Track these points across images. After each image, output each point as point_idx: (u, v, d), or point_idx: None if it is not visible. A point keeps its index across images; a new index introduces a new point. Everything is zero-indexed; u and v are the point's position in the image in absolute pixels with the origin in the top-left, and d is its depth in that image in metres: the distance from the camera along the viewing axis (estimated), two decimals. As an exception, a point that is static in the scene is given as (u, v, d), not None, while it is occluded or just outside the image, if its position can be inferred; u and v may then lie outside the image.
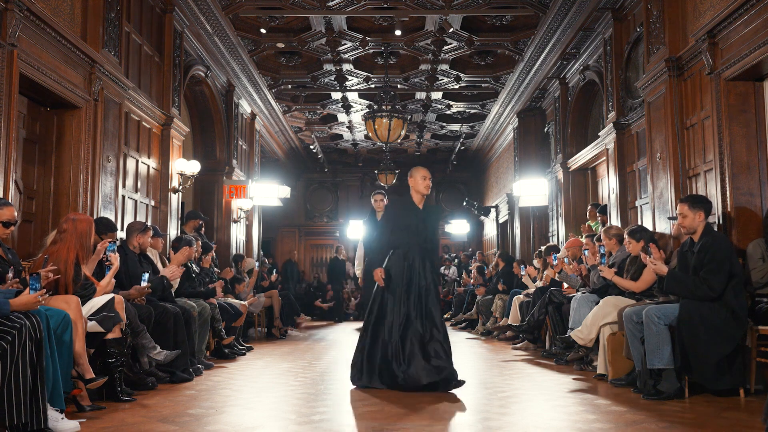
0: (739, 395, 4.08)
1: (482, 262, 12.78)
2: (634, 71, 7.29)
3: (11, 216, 3.69)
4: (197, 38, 8.32)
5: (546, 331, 6.91)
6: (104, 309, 4.07)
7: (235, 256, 9.54)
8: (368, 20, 8.64)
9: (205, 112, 9.59)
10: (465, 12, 8.12)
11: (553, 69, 9.42)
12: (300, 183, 17.73)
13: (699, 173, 5.65)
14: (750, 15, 4.79)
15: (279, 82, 10.82)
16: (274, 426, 3.41)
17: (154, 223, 6.99)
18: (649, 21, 6.40)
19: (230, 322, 6.74)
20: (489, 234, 15.67)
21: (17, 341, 2.99)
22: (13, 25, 4.46)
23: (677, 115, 5.88)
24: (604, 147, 7.96)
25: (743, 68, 4.94)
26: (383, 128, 9.42)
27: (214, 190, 9.64)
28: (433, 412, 3.75)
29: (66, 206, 5.51)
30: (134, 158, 6.72)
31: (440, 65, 10.10)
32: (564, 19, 7.96)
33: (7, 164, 4.49)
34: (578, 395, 4.32)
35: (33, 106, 5.38)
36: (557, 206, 10.04)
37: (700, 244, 4.28)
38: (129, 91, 6.37)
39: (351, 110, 12.57)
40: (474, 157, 16.38)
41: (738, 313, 4.11)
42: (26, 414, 2.98)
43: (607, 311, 5.01)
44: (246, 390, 4.59)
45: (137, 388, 4.40)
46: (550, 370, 5.59)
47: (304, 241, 18.19)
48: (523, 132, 11.79)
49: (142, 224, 5.47)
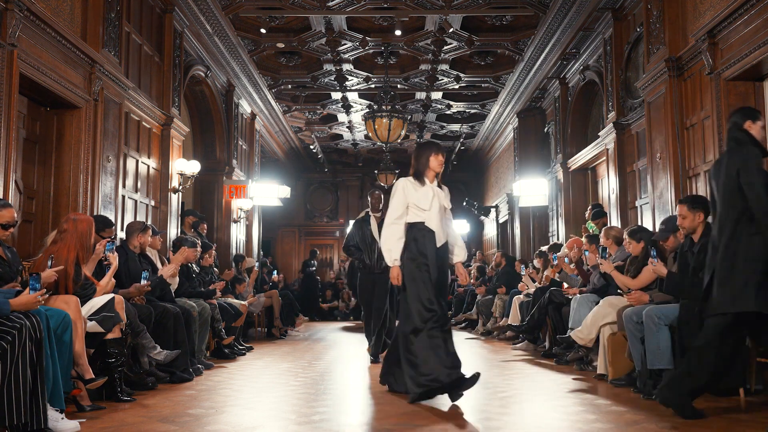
0: (739, 395, 4.08)
1: (482, 261, 12.80)
2: (634, 71, 7.29)
3: (11, 217, 3.68)
4: (197, 38, 8.32)
5: (546, 331, 6.90)
6: (104, 309, 4.07)
7: (235, 256, 9.54)
8: (368, 20, 8.64)
9: (205, 112, 9.60)
10: (465, 12, 8.12)
11: (553, 69, 9.42)
12: (300, 183, 17.72)
13: (699, 173, 5.65)
14: (750, 15, 4.79)
15: (279, 82, 10.82)
16: (274, 426, 3.41)
17: (153, 223, 7.00)
18: (649, 21, 6.40)
19: (230, 322, 6.74)
20: (489, 234, 15.67)
21: (17, 341, 2.99)
22: (13, 25, 4.46)
23: (677, 115, 5.88)
24: (604, 147, 7.97)
25: (743, 68, 4.95)
26: (383, 128, 9.42)
27: (214, 190, 9.65)
28: (433, 412, 3.75)
29: (66, 206, 5.51)
30: (134, 158, 6.72)
31: (440, 65, 10.10)
32: (564, 19, 7.96)
33: (7, 164, 4.49)
34: (578, 395, 4.32)
35: (33, 106, 5.38)
36: (557, 206, 10.04)
37: (700, 244, 4.28)
38: (129, 91, 6.37)
39: (351, 110, 12.57)
40: (474, 157, 16.38)
41: (738, 313, 4.10)
42: (26, 414, 2.98)
43: (607, 311, 5.00)
44: (246, 390, 4.59)
45: (137, 388, 4.40)
46: (550, 370, 5.59)
47: (304, 241, 18.19)
48: (523, 132, 11.79)
49: (142, 224, 5.47)
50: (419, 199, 4.25)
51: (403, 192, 4.30)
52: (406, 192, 4.29)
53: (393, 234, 4.26)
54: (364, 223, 6.45)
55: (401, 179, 4.40)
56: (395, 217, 4.28)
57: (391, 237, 4.25)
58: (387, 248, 4.27)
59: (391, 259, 4.23)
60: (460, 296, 11.92)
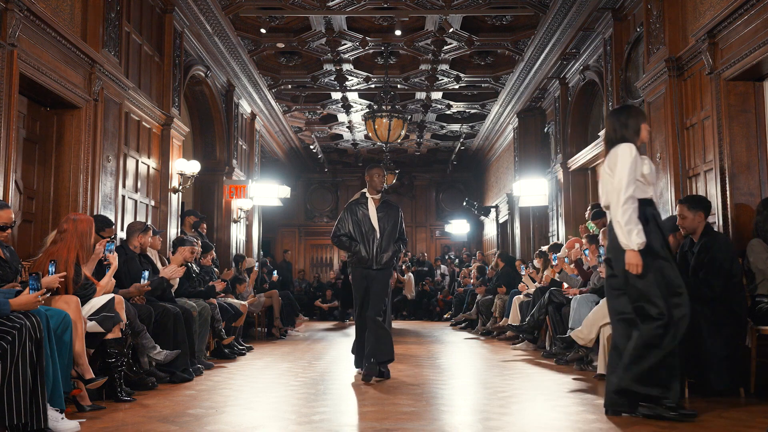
0: (739, 395, 4.08)
1: (482, 262, 12.80)
2: (634, 71, 7.29)
3: (8, 219, 3.68)
4: (197, 38, 8.32)
5: (546, 331, 6.91)
6: (104, 309, 4.07)
7: (236, 256, 9.54)
8: (368, 20, 8.64)
9: (205, 112, 9.60)
10: (465, 12, 8.12)
11: (553, 69, 9.42)
12: (300, 183, 17.73)
13: (699, 173, 5.65)
14: (750, 15, 4.79)
15: (279, 82, 10.82)
16: (274, 426, 3.41)
17: (153, 224, 7.00)
18: (649, 21, 6.40)
19: (230, 322, 6.74)
20: (489, 234, 15.68)
21: (17, 341, 2.99)
22: (13, 25, 4.46)
23: (677, 115, 5.88)
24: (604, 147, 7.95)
25: (743, 68, 4.94)
26: (383, 128, 9.43)
27: (214, 190, 9.65)
28: (433, 412, 3.75)
29: (66, 206, 5.51)
30: (134, 158, 6.72)
31: (440, 65, 10.10)
32: (564, 19, 7.96)
33: (7, 164, 4.49)
34: (578, 395, 4.32)
35: (33, 106, 5.38)
36: (557, 206, 10.04)
37: (700, 244, 4.28)
38: (129, 91, 6.37)
39: (351, 110, 12.57)
40: (474, 157, 16.38)
41: (737, 314, 4.11)
42: (26, 414, 2.98)
43: (607, 311, 5.00)
44: (246, 390, 4.59)
45: (137, 388, 4.40)
46: (550, 370, 5.59)
47: (304, 241, 18.21)
48: (523, 132, 11.80)
49: (142, 224, 5.47)
50: (649, 171, 3.57)
51: (635, 161, 3.52)
52: (637, 161, 3.54)
53: (634, 210, 3.45)
54: (357, 206, 5.29)
55: (623, 144, 3.60)
56: (631, 192, 3.48)
57: (633, 214, 3.45)
58: (629, 229, 3.43)
59: (638, 242, 3.42)
60: (459, 296, 11.95)
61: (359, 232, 5.19)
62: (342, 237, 5.25)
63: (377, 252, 5.14)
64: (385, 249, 5.17)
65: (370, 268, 5.14)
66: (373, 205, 5.25)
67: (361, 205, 5.27)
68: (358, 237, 5.19)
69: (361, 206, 5.27)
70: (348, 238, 5.23)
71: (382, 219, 5.23)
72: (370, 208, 5.23)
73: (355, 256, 5.17)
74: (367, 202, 5.27)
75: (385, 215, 5.26)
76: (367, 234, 5.17)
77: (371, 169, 5.33)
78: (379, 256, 5.14)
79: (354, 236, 5.21)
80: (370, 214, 5.20)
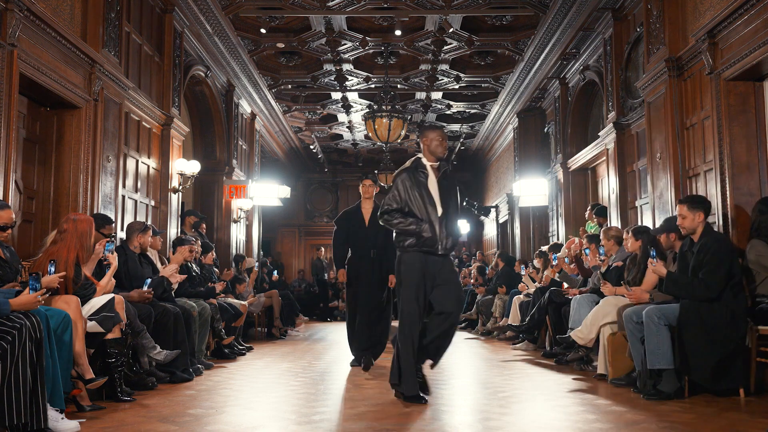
0: (739, 395, 4.08)
1: (482, 262, 12.80)
2: (634, 71, 7.29)
3: (9, 219, 3.68)
4: (197, 38, 8.32)
5: (546, 331, 6.91)
6: (104, 309, 4.07)
7: (236, 256, 9.55)
8: (368, 20, 8.64)
9: (205, 112, 9.60)
10: (465, 12, 8.12)
11: (553, 69, 9.42)
12: (300, 183, 17.73)
13: (699, 173, 5.65)
14: (750, 15, 4.79)
15: (279, 82, 10.82)
16: (274, 426, 3.41)
17: (153, 224, 7.00)
18: (649, 21, 6.40)
19: (230, 322, 6.74)
20: (489, 234, 15.68)
21: (17, 341, 2.99)
22: (13, 25, 4.46)
23: (677, 115, 5.88)
24: (604, 147, 7.96)
25: (743, 68, 4.94)
26: (383, 128, 9.42)
27: (214, 190, 9.65)
28: (434, 412, 3.75)
29: (66, 206, 5.51)
30: (134, 158, 6.72)
31: (440, 65, 10.10)
32: (564, 19, 7.96)
33: (7, 164, 4.49)
34: (578, 395, 4.32)
35: (33, 106, 5.38)
36: (557, 206, 10.04)
37: (700, 244, 4.28)
38: (129, 91, 6.37)
39: (351, 110, 12.57)
40: (474, 157, 16.38)
41: (737, 313, 4.11)
42: (26, 414, 2.98)
43: (607, 311, 5.00)
44: (246, 390, 4.59)
45: (137, 388, 4.40)
46: (550, 370, 5.59)
47: (304, 241, 18.20)
48: (523, 132, 11.80)
49: (142, 224, 5.47)
50: None
51: None
52: None
53: None
54: (415, 174, 4.13)
55: None
56: None
57: None
58: None
59: None
60: (460, 296, 11.90)
61: (418, 207, 4.07)
62: (395, 213, 4.09)
63: (441, 233, 4.06)
64: (450, 231, 4.12)
65: (434, 254, 4.08)
66: (433, 176, 4.14)
67: (420, 173, 4.13)
68: (419, 213, 4.07)
69: (420, 174, 4.12)
70: (403, 214, 4.07)
71: (444, 194, 4.15)
72: (430, 178, 4.13)
73: (415, 237, 4.04)
74: (426, 171, 4.15)
75: (448, 189, 4.19)
76: (429, 210, 4.07)
77: (429, 131, 4.19)
78: (445, 239, 4.08)
79: (413, 212, 4.08)
80: (430, 187, 4.11)
